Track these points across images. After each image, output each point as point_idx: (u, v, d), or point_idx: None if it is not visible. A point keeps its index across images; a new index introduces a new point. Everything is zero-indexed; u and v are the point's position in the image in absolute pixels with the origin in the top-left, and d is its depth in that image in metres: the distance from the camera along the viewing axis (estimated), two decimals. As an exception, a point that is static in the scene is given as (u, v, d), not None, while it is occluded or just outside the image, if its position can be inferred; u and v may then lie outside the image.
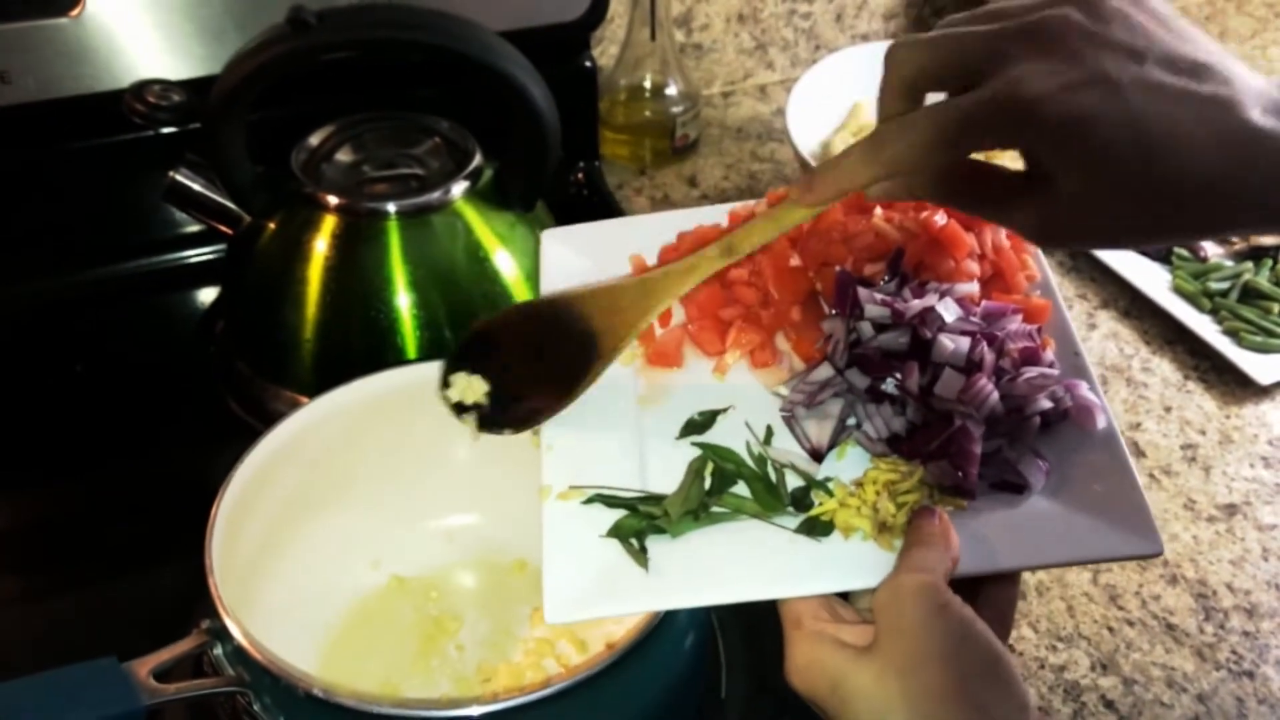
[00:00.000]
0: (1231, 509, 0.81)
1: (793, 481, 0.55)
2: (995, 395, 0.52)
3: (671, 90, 1.09)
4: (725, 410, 0.58)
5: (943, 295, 0.55)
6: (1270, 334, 0.90)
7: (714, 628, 0.68)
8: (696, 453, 0.56)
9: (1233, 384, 0.89)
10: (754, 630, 0.69)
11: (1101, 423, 0.54)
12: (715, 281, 0.61)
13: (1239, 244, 1.01)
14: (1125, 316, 0.96)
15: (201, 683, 0.56)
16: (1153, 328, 0.95)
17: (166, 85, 0.78)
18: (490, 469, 0.72)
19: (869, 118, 1.05)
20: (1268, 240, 0.99)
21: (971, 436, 0.51)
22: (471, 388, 0.58)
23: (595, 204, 1.06)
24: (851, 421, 0.55)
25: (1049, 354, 0.56)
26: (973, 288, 0.56)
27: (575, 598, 0.52)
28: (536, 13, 0.94)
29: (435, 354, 0.78)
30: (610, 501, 0.55)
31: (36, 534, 0.77)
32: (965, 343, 0.52)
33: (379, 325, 0.78)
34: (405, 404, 0.70)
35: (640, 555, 0.53)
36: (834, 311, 0.57)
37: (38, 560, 0.76)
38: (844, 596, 0.52)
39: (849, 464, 0.55)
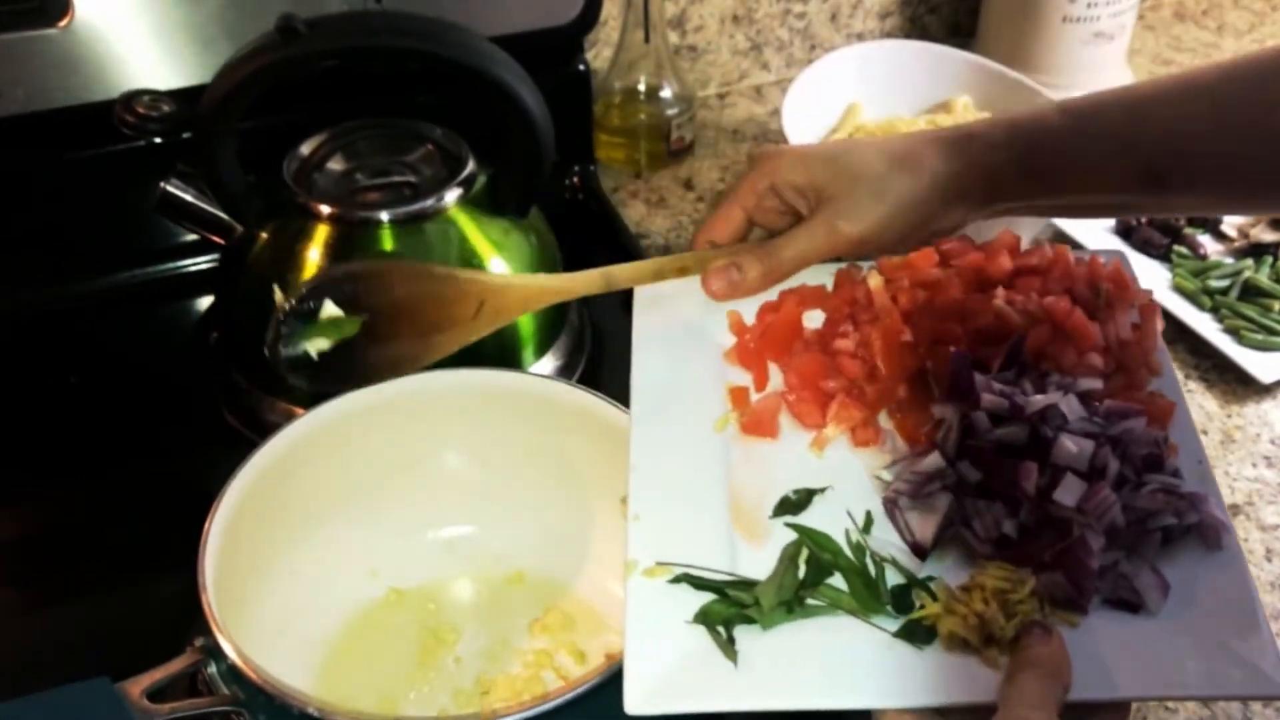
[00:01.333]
0: (1234, 509, 0.80)
1: (892, 578, 0.52)
2: (1118, 506, 0.49)
3: (666, 92, 1.09)
4: (823, 490, 0.56)
5: (1066, 391, 0.52)
6: (1271, 332, 0.90)
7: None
8: (789, 535, 0.54)
9: (1234, 383, 0.89)
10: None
11: (1227, 543, 0.51)
12: (818, 350, 0.60)
13: (1239, 241, 1.00)
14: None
15: (195, 703, 0.55)
16: (1153, 326, 0.94)
17: (156, 95, 0.77)
18: (488, 480, 0.72)
19: (865, 117, 1.05)
20: (1268, 237, 0.99)
21: (1090, 549, 0.48)
22: (338, 324, 0.56)
23: (591, 208, 1.05)
24: (959, 519, 0.52)
25: (1174, 461, 0.52)
26: (1096, 383, 0.53)
27: (658, 688, 0.49)
28: (529, 17, 0.94)
29: (431, 364, 0.78)
30: (697, 583, 0.52)
31: (27, 548, 0.77)
32: (1089, 446, 0.49)
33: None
34: (401, 415, 0.69)
35: (729, 647, 0.50)
36: (946, 396, 0.54)
37: (28, 575, 0.75)
38: (940, 712, 0.49)
39: (951, 566, 0.52)
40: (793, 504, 0.56)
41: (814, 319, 0.64)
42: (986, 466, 0.51)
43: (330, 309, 0.58)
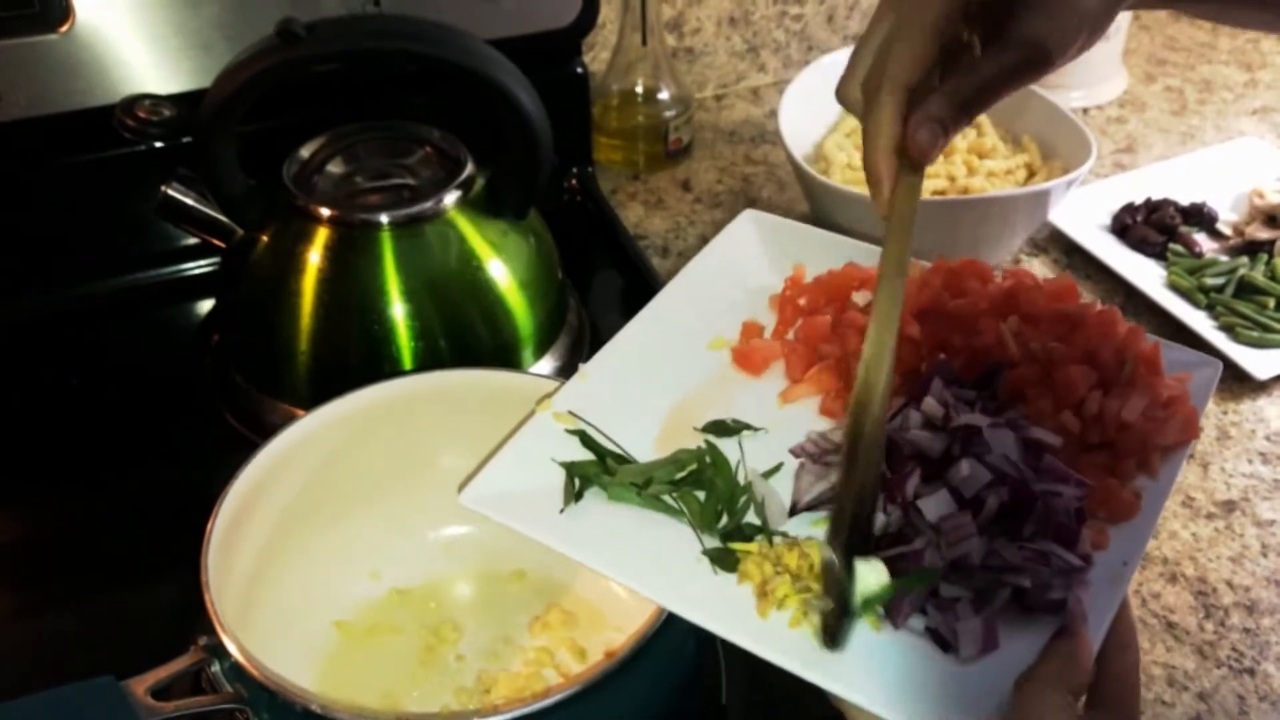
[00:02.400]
0: (1230, 505, 0.81)
1: (751, 518, 0.53)
2: (976, 542, 0.47)
3: (664, 94, 1.09)
4: (758, 430, 0.57)
5: (1010, 428, 0.50)
6: (1266, 329, 0.90)
7: (714, 635, 0.68)
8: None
9: (1229, 379, 0.89)
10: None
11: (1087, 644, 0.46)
12: (836, 315, 0.61)
13: (1234, 239, 1.01)
14: (1121, 313, 0.96)
15: (199, 700, 0.55)
16: (1148, 324, 0.94)
17: (157, 100, 0.78)
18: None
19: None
20: (1263, 235, 0.99)
21: (920, 564, 0.47)
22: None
23: (589, 209, 1.06)
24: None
25: (1087, 548, 0.49)
26: (1049, 437, 0.51)
27: (494, 496, 0.53)
28: (527, 20, 0.94)
29: (431, 364, 0.78)
30: (587, 442, 0.56)
31: (31, 550, 0.77)
32: (983, 477, 0.48)
33: (374, 336, 0.78)
34: (402, 414, 0.70)
35: (570, 494, 0.54)
36: (904, 389, 0.54)
37: (33, 576, 0.76)
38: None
39: (818, 535, 0.52)
40: (724, 428, 0.58)
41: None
42: (890, 460, 0.51)
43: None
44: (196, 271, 0.96)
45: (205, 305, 0.95)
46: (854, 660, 0.47)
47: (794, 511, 0.53)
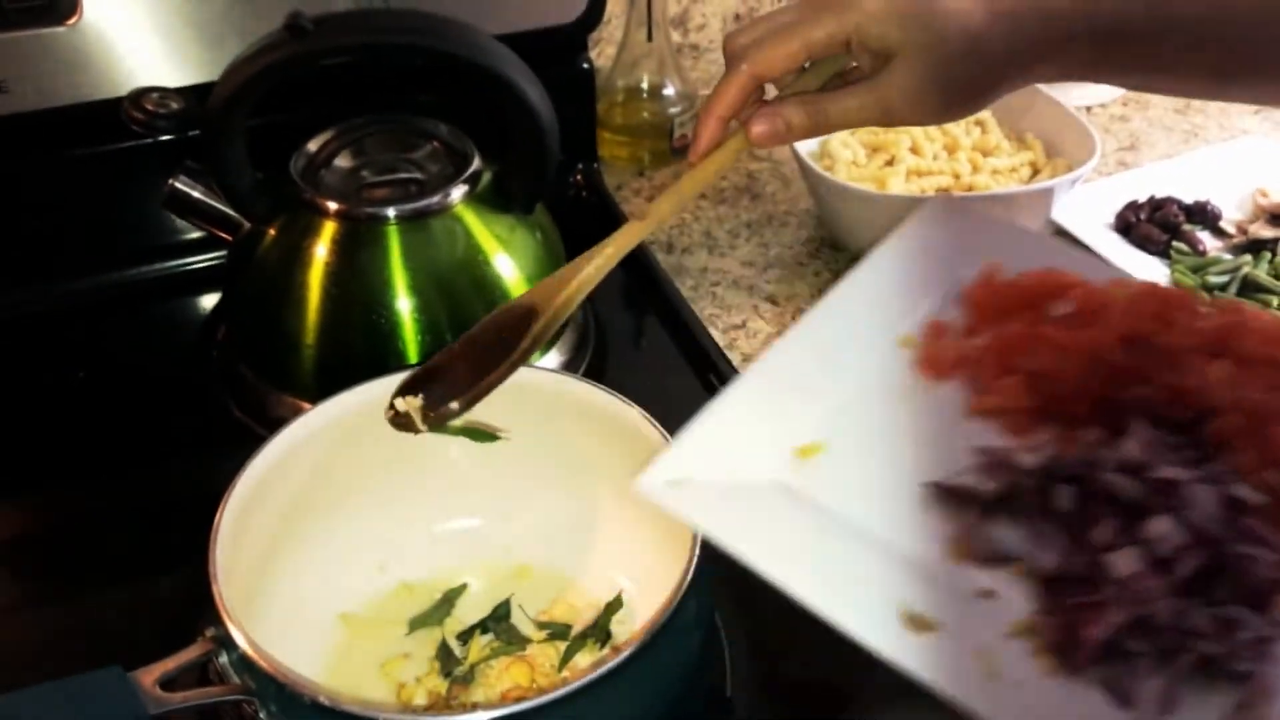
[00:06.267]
0: (1234, 503, 0.81)
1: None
2: (1163, 604, 0.44)
3: (669, 91, 1.09)
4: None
5: (1214, 484, 0.47)
6: (1270, 327, 0.90)
7: (719, 628, 0.68)
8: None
9: (1233, 378, 0.89)
10: (760, 630, 0.69)
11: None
12: (1030, 324, 0.57)
13: (1237, 238, 1.01)
14: None
15: (207, 691, 0.56)
16: (1153, 322, 0.95)
17: (165, 93, 0.78)
18: (494, 474, 0.73)
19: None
20: (1267, 233, 0.99)
21: (1102, 620, 0.44)
22: (409, 402, 0.61)
23: (594, 205, 1.06)
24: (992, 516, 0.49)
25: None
26: (1255, 496, 0.47)
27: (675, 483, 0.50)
28: (533, 15, 0.94)
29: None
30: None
31: (39, 542, 0.77)
32: (1179, 538, 0.45)
33: (381, 329, 0.79)
34: (407, 408, 0.70)
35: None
36: (1101, 421, 0.51)
37: (41, 568, 0.76)
38: None
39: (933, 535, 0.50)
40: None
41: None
42: (1079, 499, 0.48)
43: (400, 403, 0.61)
44: (203, 265, 0.96)
45: (212, 298, 0.95)
46: (1023, 698, 0.44)
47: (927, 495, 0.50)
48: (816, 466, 0.53)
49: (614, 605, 0.68)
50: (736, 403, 0.54)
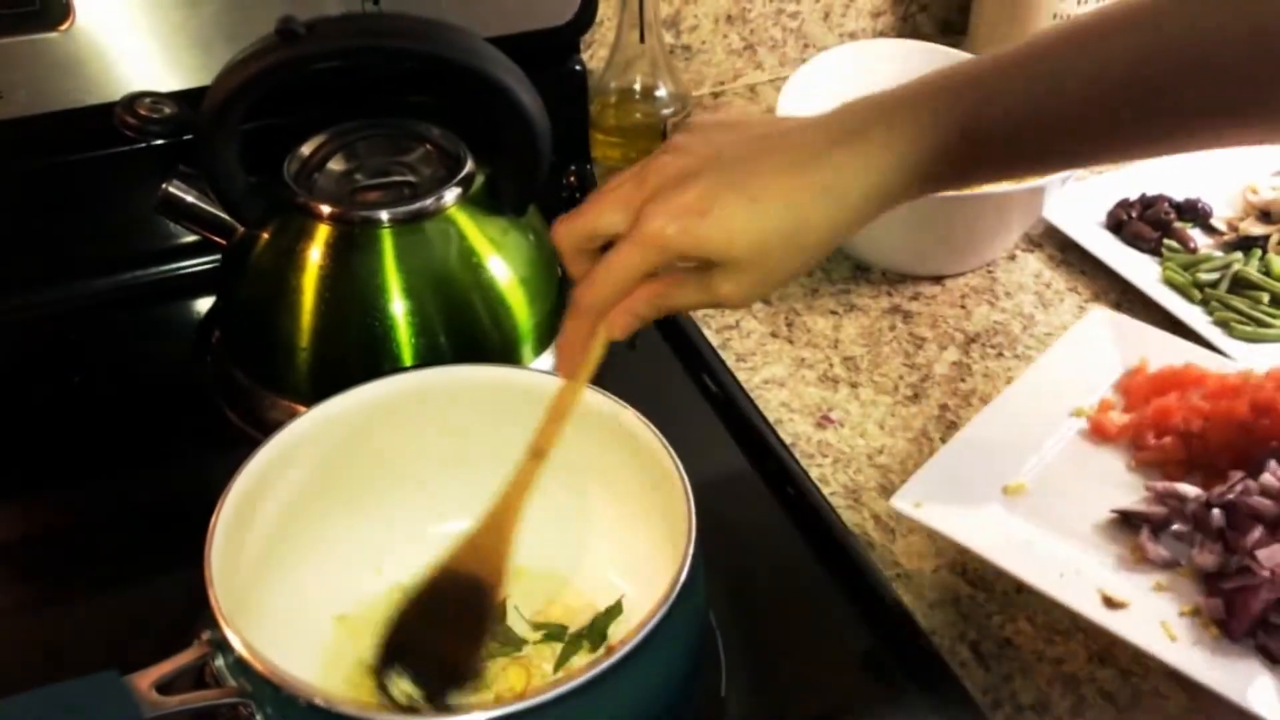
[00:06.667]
0: None
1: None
2: None
3: (661, 92, 1.09)
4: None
5: None
6: (1261, 324, 0.91)
7: (714, 629, 0.68)
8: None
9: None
10: (755, 630, 0.69)
11: None
12: (1177, 400, 0.74)
13: (1228, 235, 1.01)
14: (1116, 309, 0.96)
15: (203, 694, 0.56)
16: (1144, 319, 0.95)
17: (157, 98, 0.78)
18: (489, 475, 0.73)
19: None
20: (1257, 230, 1.00)
21: (1256, 595, 0.61)
22: (403, 688, 0.58)
23: (587, 207, 1.06)
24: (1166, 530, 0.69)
25: None
26: None
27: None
28: (525, 17, 0.94)
29: (431, 360, 0.79)
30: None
31: (34, 546, 0.77)
32: None
33: (375, 333, 0.79)
34: (402, 410, 0.70)
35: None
36: (1241, 465, 0.69)
37: (36, 572, 0.76)
38: None
39: (1106, 551, 0.69)
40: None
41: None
42: (1231, 519, 0.66)
43: (394, 684, 0.58)
44: (197, 269, 0.96)
45: (206, 302, 0.95)
46: (1197, 655, 0.62)
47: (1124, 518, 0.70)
48: (1021, 500, 0.72)
49: (614, 610, 0.68)
50: (956, 452, 0.73)
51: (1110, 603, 0.64)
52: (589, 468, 0.70)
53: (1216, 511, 0.66)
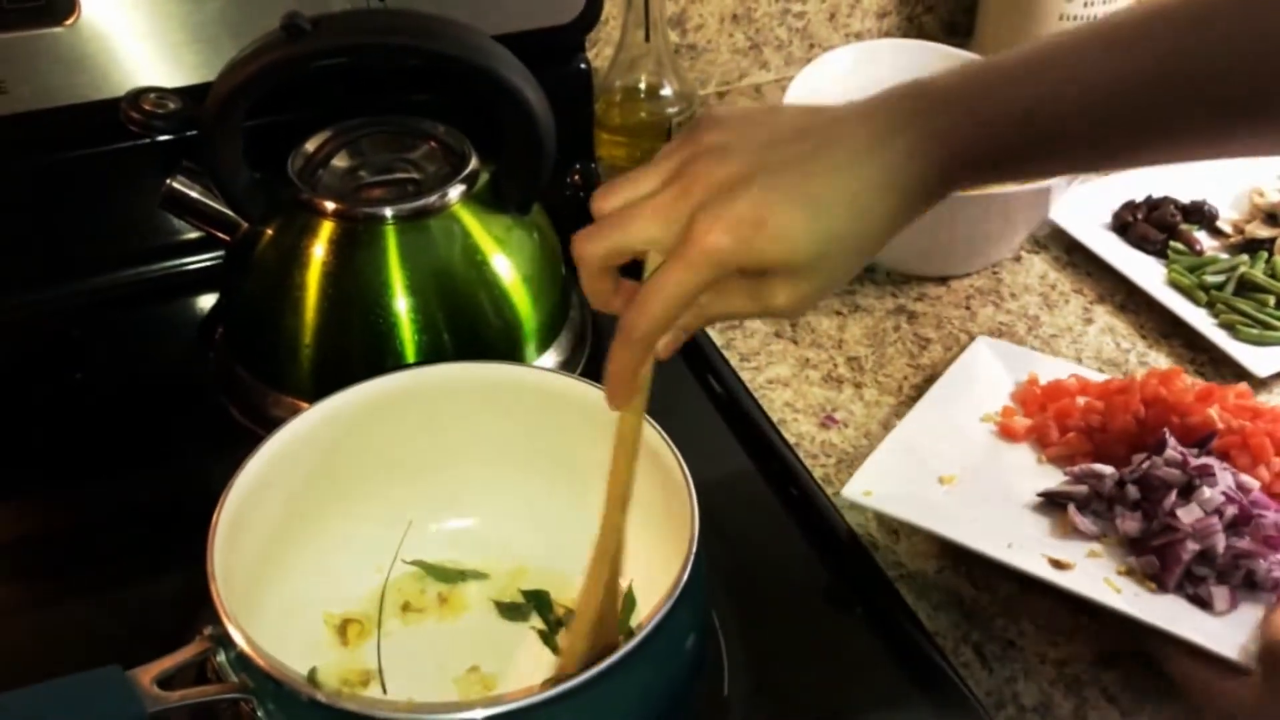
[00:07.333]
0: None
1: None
2: (1220, 537, 0.68)
3: (667, 91, 1.09)
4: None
5: (1226, 471, 0.72)
6: (1266, 326, 0.91)
7: (716, 628, 0.68)
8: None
9: (1230, 377, 0.89)
10: (756, 630, 0.69)
11: None
12: (1074, 404, 0.81)
13: (1234, 237, 1.01)
14: (1121, 310, 0.96)
15: (205, 690, 0.56)
16: (1149, 321, 0.95)
17: (162, 93, 0.78)
18: (491, 473, 0.73)
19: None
20: (1263, 233, 0.99)
21: (1184, 547, 0.68)
22: None
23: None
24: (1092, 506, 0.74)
25: None
26: (1252, 482, 0.72)
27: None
28: (531, 16, 0.94)
29: (434, 357, 0.79)
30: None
31: (37, 543, 0.77)
32: (1219, 498, 0.69)
33: (378, 329, 0.79)
34: (405, 407, 0.70)
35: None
36: (1145, 448, 0.75)
37: (38, 569, 0.76)
38: None
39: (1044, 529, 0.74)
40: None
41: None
42: (1146, 488, 0.73)
43: None
44: (201, 265, 0.96)
45: (209, 299, 0.95)
46: (1141, 602, 0.68)
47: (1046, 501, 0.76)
48: (956, 488, 0.77)
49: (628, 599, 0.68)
50: (890, 450, 0.78)
51: (1058, 565, 0.69)
52: (591, 466, 0.70)
53: (1131, 486, 0.72)
